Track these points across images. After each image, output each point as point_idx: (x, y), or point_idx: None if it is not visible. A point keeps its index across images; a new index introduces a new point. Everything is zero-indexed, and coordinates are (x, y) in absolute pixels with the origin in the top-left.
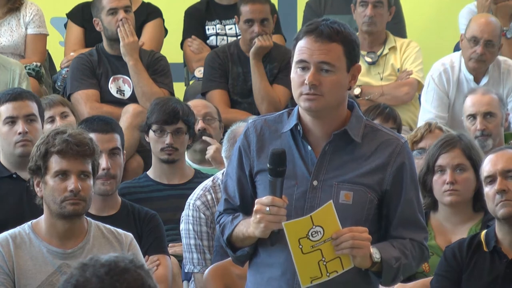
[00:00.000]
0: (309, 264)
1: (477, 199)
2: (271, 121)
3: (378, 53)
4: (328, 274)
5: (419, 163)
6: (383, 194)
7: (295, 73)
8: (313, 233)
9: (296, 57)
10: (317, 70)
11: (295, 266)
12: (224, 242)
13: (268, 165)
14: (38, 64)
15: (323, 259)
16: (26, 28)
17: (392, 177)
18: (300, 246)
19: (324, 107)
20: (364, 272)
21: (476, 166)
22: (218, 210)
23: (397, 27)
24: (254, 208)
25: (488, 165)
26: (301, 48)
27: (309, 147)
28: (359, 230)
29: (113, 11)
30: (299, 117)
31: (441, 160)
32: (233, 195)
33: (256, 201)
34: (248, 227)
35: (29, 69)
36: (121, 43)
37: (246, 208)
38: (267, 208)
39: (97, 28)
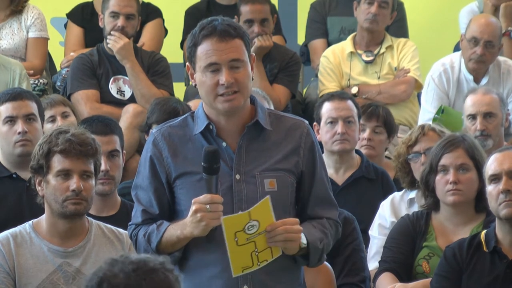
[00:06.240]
0: (242, 255)
1: (480, 200)
2: (176, 127)
3: (375, 52)
4: (259, 263)
5: (415, 166)
6: (300, 176)
7: (205, 77)
8: (249, 227)
9: (204, 61)
10: (229, 68)
11: (229, 256)
12: (153, 250)
13: (202, 164)
14: (45, 81)
15: (256, 250)
16: (27, 32)
17: (306, 158)
18: (236, 239)
19: (242, 103)
20: (289, 258)
21: (479, 166)
22: (134, 222)
23: (400, 30)
24: (194, 208)
25: (493, 164)
26: (207, 52)
27: (224, 143)
28: (291, 222)
29: (114, 15)
30: (207, 117)
31: (444, 160)
32: (150, 205)
33: (193, 201)
34: (183, 229)
35: (37, 90)
36: (114, 51)
37: (164, 215)
38: (208, 206)
39: (100, 23)
